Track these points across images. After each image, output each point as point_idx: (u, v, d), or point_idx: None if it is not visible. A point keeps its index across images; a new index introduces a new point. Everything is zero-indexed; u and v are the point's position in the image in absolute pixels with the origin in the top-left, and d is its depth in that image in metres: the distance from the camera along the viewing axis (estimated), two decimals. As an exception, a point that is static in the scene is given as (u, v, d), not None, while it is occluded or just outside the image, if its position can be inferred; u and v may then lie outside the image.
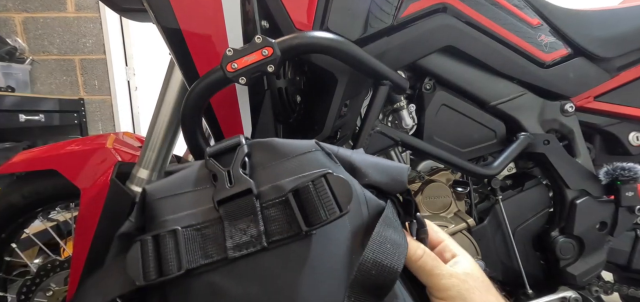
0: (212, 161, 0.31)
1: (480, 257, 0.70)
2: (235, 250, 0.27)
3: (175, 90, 0.68)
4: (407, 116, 0.71)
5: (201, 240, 0.28)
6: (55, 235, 1.00)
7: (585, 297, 0.72)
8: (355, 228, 0.29)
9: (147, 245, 0.28)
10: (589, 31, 0.70)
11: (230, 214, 0.28)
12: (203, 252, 0.27)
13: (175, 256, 0.27)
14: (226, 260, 0.27)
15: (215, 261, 0.27)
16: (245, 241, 0.27)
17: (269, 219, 0.28)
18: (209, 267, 0.27)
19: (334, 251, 0.28)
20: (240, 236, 0.27)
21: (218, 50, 0.58)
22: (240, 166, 0.30)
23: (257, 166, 0.31)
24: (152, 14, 0.57)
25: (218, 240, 0.28)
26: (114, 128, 2.29)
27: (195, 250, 0.27)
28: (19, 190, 0.79)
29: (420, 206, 0.73)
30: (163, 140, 0.69)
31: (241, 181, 0.29)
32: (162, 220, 0.29)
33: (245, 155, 0.31)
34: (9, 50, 1.90)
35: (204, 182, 0.31)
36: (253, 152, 0.32)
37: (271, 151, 0.32)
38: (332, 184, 0.28)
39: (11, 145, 1.62)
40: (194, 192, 0.31)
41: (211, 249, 0.27)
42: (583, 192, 0.73)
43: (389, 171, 0.33)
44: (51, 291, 0.84)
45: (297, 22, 0.59)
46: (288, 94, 0.63)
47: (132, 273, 0.27)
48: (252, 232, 0.27)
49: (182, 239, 0.27)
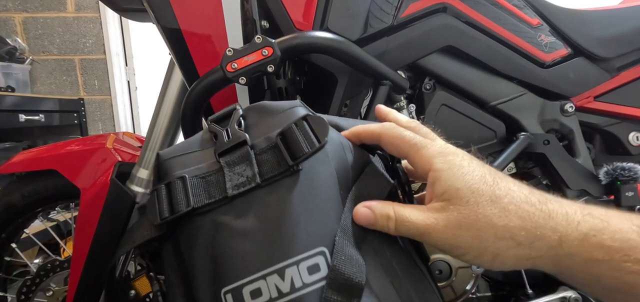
0: (213, 124, 0.36)
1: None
2: (234, 189, 0.31)
3: (175, 90, 0.68)
4: (407, 116, 0.71)
5: (205, 185, 0.32)
6: (55, 235, 1.00)
7: (585, 297, 0.72)
8: (340, 169, 0.33)
9: (161, 191, 0.33)
10: (589, 31, 0.70)
11: (229, 163, 0.33)
12: (207, 193, 0.32)
13: (184, 196, 0.31)
14: (226, 198, 0.31)
15: (217, 200, 0.31)
16: (242, 181, 0.32)
17: (262, 162, 0.32)
18: (212, 206, 0.31)
19: (321, 186, 0.32)
20: (237, 178, 0.32)
21: (218, 50, 0.58)
22: (237, 124, 0.35)
23: (250, 125, 0.36)
24: (152, 14, 0.57)
25: (219, 184, 0.32)
26: (114, 128, 2.29)
27: (200, 193, 0.32)
28: (19, 190, 0.79)
29: (420, 206, 0.73)
30: (163, 140, 0.69)
31: (237, 135, 0.34)
32: (173, 174, 0.34)
33: (240, 116, 0.37)
34: (9, 50, 1.90)
35: (207, 143, 0.36)
36: (247, 115, 0.37)
37: (262, 111, 0.37)
38: (311, 122, 0.32)
39: (11, 145, 1.62)
40: (199, 151, 0.36)
41: (214, 191, 0.32)
42: (583, 192, 0.73)
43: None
44: (51, 291, 0.84)
45: (297, 22, 0.59)
46: (288, 94, 0.64)
47: (150, 216, 0.32)
48: (247, 173, 0.32)
49: (189, 184, 0.32)
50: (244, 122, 0.36)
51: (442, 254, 0.53)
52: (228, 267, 0.29)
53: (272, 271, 0.28)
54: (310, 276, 0.28)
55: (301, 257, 0.29)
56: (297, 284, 0.28)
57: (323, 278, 0.28)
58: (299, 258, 0.29)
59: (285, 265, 0.28)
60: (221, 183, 0.32)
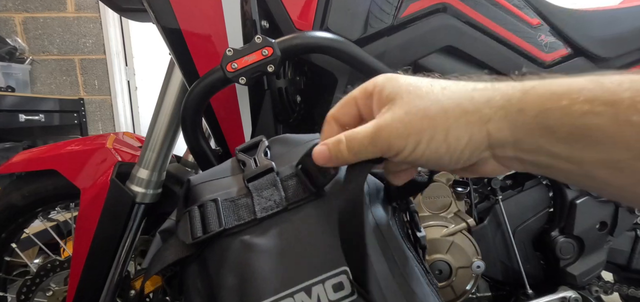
0: (241, 153, 0.39)
1: (480, 257, 0.70)
2: (262, 212, 0.33)
3: (175, 90, 0.68)
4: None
5: (235, 208, 0.34)
6: (55, 235, 1.00)
7: (585, 297, 0.72)
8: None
9: (194, 212, 0.34)
10: (589, 31, 0.70)
11: (258, 188, 0.35)
12: (237, 216, 0.34)
13: (216, 217, 0.33)
14: (255, 220, 0.33)
15: (246, 221, 0.33)
16: (270, 205, 0.34)
17: (287, 188, 0.34)
18: (242, 227, 0.33)
19: None
20: (265, 202, 0.34)
21: (218, 50, 0.58)
22: (263, 153, 0.38)
23: (275, 155, 0.39)
24: (152, 14, 0.57)
25: (249, 207, 0.34)
26: (114, 128, 2.29)
27: (231, 215, 0.34)
28: (19, 190, 0.79)
29: (420, 205, 0.73)
30: (163, 140, 0.69)
31: (264, 163, 0.37)
32: (203, 199, 0.36)
33: (266, 147, 0.39)
34: (9, 50, 1.90)
35: (235, 170, 0.39)
36: (272, 145, 0.40)
37: (286, 142, 0.40)
38: None
39: (11, 145, 1.62)
40: (228, 178, 0.38)
41: (243, 213, 0.34)
42: (583, 192, 0.73)
43: None
44: (51, 291, 0.84)
45: (297, 22, 0.59)
46: (288, 94, 0.64)
47: (183, 236, 0.34)
48: (275, 197, 0.34)
49: (221, 206, 0.34)
50: (270, 152, 0.39)
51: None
52: (256, 286, 0.31)
53: (299, 289, 0.30)
54: (335, 294, 0.30)
55: (326, 276, 0.30)
56: (324, 301, 0.30)
57: (347, 296, 0.30)
58: (325, 276, 0.30)
59: (312, 283, 0.30)
60: (250, 206, 0.34)
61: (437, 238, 0.68)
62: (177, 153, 0.85)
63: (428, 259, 0.67)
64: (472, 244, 0.70)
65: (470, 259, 0.69)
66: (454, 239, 0.69)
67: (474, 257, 0.69)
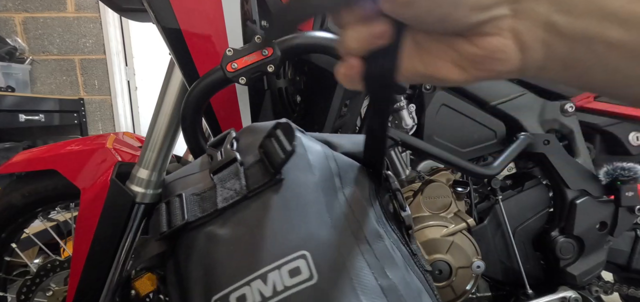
0: (210, 148, 0.40)
1: (480, 257, 0.70)
2: (223, 202, 0.34)
3: (175, 90, 0.68)
4: (407, 116, 0.71)
5: (200, 201, 0.35)
6: (55, 235, 1.00)
7: (585, 297, 0.72)
8: (324, 177, 0.35)
9: (161, 208, 0.36)
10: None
11: (222, 179, 0.36)
12: (201, 208, 0.34)
13: (180, 212, 0.34)
14: (217, 211, 0.33)
15: (209, 213, 0.34)
16: (231, 194, 0.34)
17: (249, 176, 0.35)
18: (205, 219, 0.34)
19: (304, 194, 0.33)
20: (227, 192, 0.34)
21: (218, 50, 0.58)
22: (229, 145, 0.38)
23: (244, 145, 0.39)
24: (152, 14, 0.57)
25: (212, 199, 0.35)
26: (114, 128, 2.29)
27: (195, 208, 0.35)
28: (19, 190, 0.79)
29: (421, 205, 0.73)
30: (163, 140, 0.69)
31: (229, 154, 0.37)
32: (174, 194, 0.37)
33: (233, 138, 0.39)
34: (9, 50, 1.90)
35: (205, 165, 0.39)
36: (241, 136, 0.40)
37: (254, 131, 0.40)
38: (282, 131, 0.35)
39: (11, 145, 1.62)
40: (198, 173, 0.39)
41: (207, 205, 0.34)
42: (583, 192, 0.73)
43: (361, 142, 0.39)
44: (51, 291, 0.84)
45: (297, 22, 0.59)
46: (288, 94, 0.64)
47: (153, 233, 0.35)
48: (236, 187, 0.34)
49: (185, 201, 0.35)
50: (237, 143, 0.39)
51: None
52: (217, 276, 0.31)
53: (256, 276, 0.30)
54: (291, 279, 0.29)
55: (282, 261, 0.30)
56: (279, 287, 0.29)
57: (305, 280, 0.29)
58: (280, 262, 0.30)
59: (268, 270, 0.30)
60: (213, 198, 0.34)
61: (437, 238, 0.68)
62: (177, 153, 0.85)
63: (428, 259, 0.67)
64: (472, 244, 0.70)
65: (470, 259, 0.69)
66: (454, 239, 0.69)
67: (474, 257, 0.69)
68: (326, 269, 0.30)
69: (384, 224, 0.36)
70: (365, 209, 0.35)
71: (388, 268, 0.32)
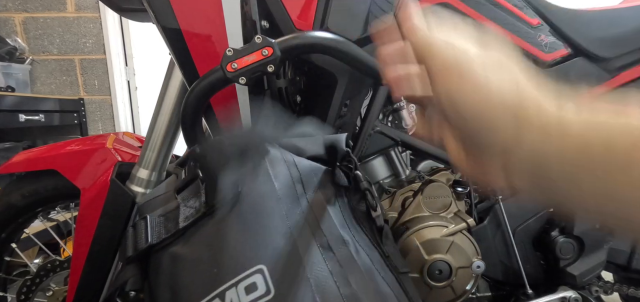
0: (176, 167, 0.41)
1: (480, 257, 0.70)
2: (185, 221, 0.34)
3: (175, 90, 0.68)
4: (407, 116, 0.71)
5: (165, 221, 0.35)
6: (55, 235, 1.00)
7: (585, 297, 0.72)
8: (285, 184, 0.34)
9: (128, 232, 0.36)
10: (589, 31, 0.70)
11: (185, 198, 0.36)
12: (165, 229, 0.35)
13: (144, 235, 0.34)
14: (179, 231, 0.33)
15: (172, 233, 0.34)
16: (192, 213, 0.34)
17: (209, 193, 0.34)
18: (169, 240, 0.34)
19: (263, 204, 0.33)
20: (188, 210, 0.35)
21: (218, 50, 0.58)
22: (193, 162, 0.39)
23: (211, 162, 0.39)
24: (152, 14, 0.57)
25: (175, 219, 0.35)
26: (114, 128, 2.29)
27: (160, 230, 0.35)
28: (19, 190, 0.79)
29: (421, 205, 0.73)
30: (163, 140, 0.69)
31: (191, 171, 0.38)
32: (141, 217, 0.37)
33: (197, 155, 0.40)
34: (9, 50, 1.90)
35: (171, 185, 0.40)
36: (207, 153, 0.40)
37: (218, 146, 0.40)
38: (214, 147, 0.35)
39: (11, 145, 1.62)
40: (164, 194, 0.39)
41: (170, 225, 0.35)
42: (583, 192, 0.73)
43: (325, 142, 0.39)
44: (51, 291, 0.84)
45: (297, 22, 0.59)
46: (288, 94, 0.63)
47: (121, 258, 0.36)
48: (196, 205, 0.34)
49: (149, 223, 0.35)
50: (204, 160, 0.39)
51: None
52: (181, 297, 0.31)
53: (214, 296, 0.30)
54: (247, 296, 0.29)
55: (238, 278, 0.30)
56: None
57: (262, 296, 0.29)
58: (237, 279, 0.30)
59: (225, 288, 0.29)
60: (177, 217, 0.34)
61: (437, 238, 0.68)
62: (177, 153, 0.85)
63: (428, 259, 0.67)
64: (472, 244, 0.70)
65: (470, 259, 0.69)
66: (454, 239, 0.68)
67: (474, 257, 0.69)
68: (285, 282, 0.29)
69: (351, 228, 0.35)
70: (329, 214, 0.34)
71: (351, 275, 0.31)
